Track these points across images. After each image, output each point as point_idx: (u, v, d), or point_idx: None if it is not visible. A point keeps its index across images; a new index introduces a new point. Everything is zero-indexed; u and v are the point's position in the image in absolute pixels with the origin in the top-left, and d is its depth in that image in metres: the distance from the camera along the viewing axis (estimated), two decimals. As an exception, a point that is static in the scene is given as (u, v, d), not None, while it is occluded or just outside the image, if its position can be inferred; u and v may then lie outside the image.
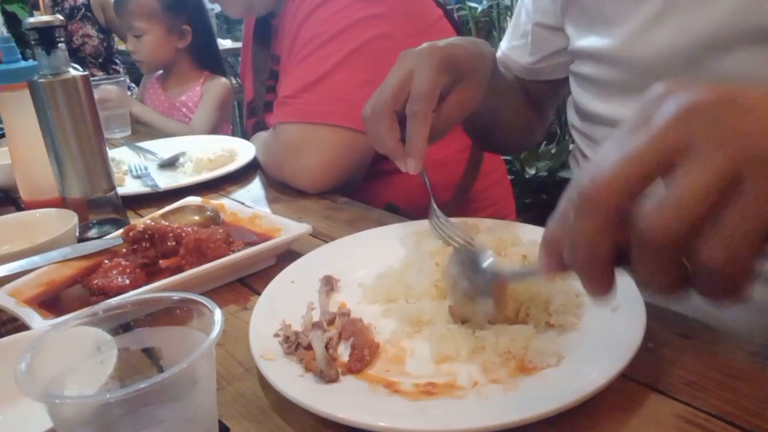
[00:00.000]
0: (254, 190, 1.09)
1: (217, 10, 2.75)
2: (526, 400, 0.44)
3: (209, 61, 2.20)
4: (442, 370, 0.50)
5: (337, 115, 0.97)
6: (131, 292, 0.64)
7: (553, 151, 2.73)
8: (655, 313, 0.53)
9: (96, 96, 0.87)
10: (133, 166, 1.21)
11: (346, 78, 0.99)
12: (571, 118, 0.88)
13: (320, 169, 0.99)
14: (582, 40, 0.79)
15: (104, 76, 2.73)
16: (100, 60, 3.07)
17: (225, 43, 3.83)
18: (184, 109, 2.14)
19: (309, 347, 0.53)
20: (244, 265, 0.72)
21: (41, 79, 0.80)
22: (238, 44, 3.34)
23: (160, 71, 2.20)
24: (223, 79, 2.19)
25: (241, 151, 1.22)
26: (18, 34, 1.60)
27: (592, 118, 0.81)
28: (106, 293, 0.65)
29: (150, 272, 0.71)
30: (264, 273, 0.72)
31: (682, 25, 0.64)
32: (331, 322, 0.58)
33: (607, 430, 0.43)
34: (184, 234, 0.73)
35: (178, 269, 0.70)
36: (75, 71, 0.82)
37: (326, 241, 0.77)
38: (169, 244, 0.73)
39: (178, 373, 0.35)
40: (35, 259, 0.70)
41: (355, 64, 1.00)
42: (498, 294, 0.52)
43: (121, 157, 1.30)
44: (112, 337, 0.42)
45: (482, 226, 0.71)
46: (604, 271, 0.35)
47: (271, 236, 0.75)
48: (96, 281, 0.67)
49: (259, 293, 0.64)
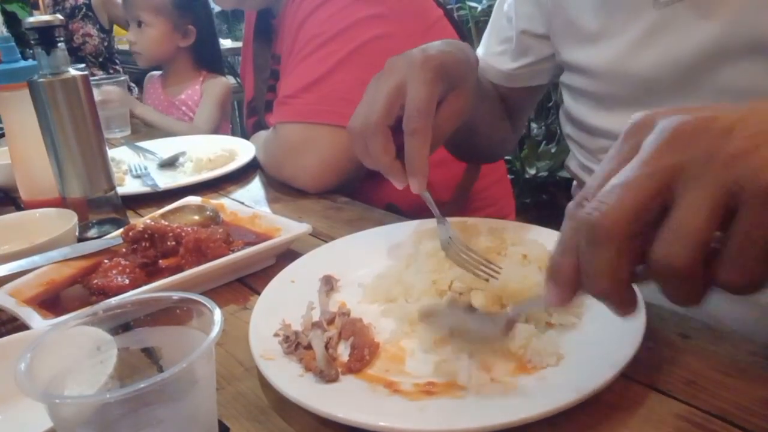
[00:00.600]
0: (254, 189, 1.09)
1: (217, 9, 2.74)
2: (526, 400, 0.44)
3: (209, 62, 2.19)
4: (442, 370, 0.50)
5: (338, 115, 0.97)
6: (131, 292, 0.64)
7: (553, 151, 2.73)
8: (655, 313, 0.53)
9: (98, 97, 0.86)
10: (133, 166, 1.21)
11: (346, 78, 0.99)
12: (566, 128, 0.86)
13: (320, 169, 0.99)
14: (571, 52, 0.77)
15: (104, 76, 2.73)
16: (101, 59, 3.07)
17: (225, 43, 3.82)
18: (184, 108, 2.14)
19: (309, 347, 0.53)
20: (244, 264, 0.72)
21: (41, 79, 0.80)
22: (238, 44, 3.34)
23: (160, 71, 2.20)
24: (223, 78, 2.19)
25: (241, 150, 1.22)
26: (18, 34, 1.60)
27: (591, 131, 0.79)
28: (106, 293, 0.65)
29: (150, 272, 0.71)
30: (264, 273, 0.72)
31: (680, 39, 0.63)
32: (331, 322, 0.58)
33: (607, 430, 0.43)
34: (183, 234, 0.73)
35: (178, 269, 0.70)
36: (75, 71, 0.82)
37: (326, 241, 0.77)
38: (168, 243, 0.74)
39: (178, 372, 0.35)
40: (35, 259, 0.70)
41: (356, 64, 0.99)
42: (505, 332, 0.51)
43: (121, 156, 1.30)
44: (111, 337, 0.42)
45: (482, 226, 0.71)
46: (628, 292, 0.37)
47: (270, 236, 0.75)
48: (96, 281, 0.67)
49: (258, 293, 0.64)
